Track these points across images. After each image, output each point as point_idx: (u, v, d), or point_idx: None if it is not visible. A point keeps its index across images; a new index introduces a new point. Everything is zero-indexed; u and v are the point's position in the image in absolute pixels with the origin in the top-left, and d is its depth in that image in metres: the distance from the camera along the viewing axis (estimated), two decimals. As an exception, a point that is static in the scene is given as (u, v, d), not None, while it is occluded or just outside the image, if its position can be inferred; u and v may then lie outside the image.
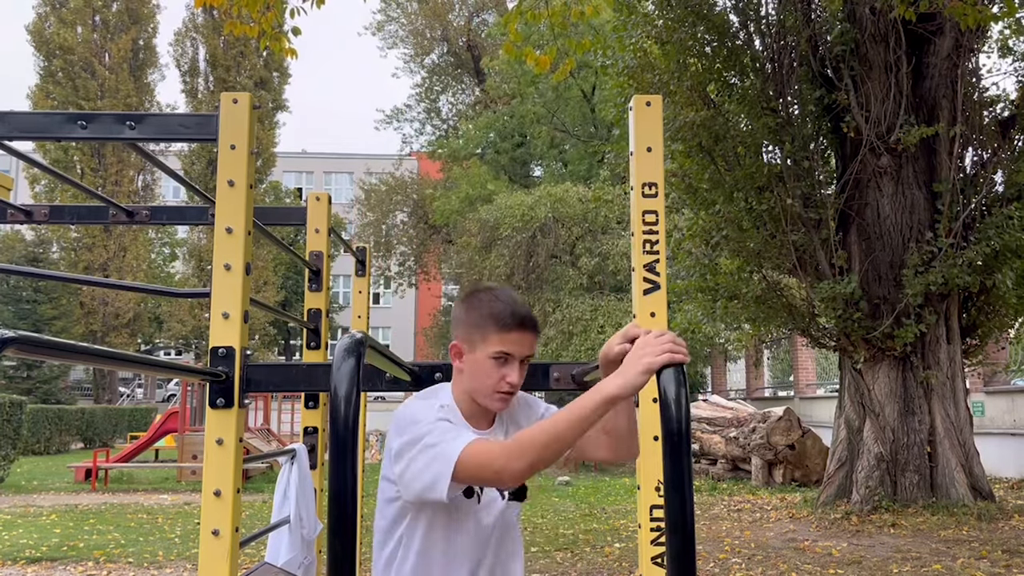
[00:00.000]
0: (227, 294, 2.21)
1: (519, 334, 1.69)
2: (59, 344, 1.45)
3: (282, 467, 3.01)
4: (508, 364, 1.69)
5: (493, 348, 1.68)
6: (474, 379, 1.71)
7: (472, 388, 1.72)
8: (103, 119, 2.39)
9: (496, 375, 1.69)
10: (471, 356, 1.72)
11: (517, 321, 1.69)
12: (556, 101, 25.45)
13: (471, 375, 1.72)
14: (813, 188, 9.85)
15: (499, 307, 1.71)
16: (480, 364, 1.70)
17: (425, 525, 1.68)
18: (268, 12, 6.71)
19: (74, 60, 28.76)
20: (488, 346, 1.69)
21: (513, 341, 1.69)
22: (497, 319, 1.69)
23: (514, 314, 1.69)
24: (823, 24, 10.03)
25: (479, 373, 1.70)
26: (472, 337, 1.72)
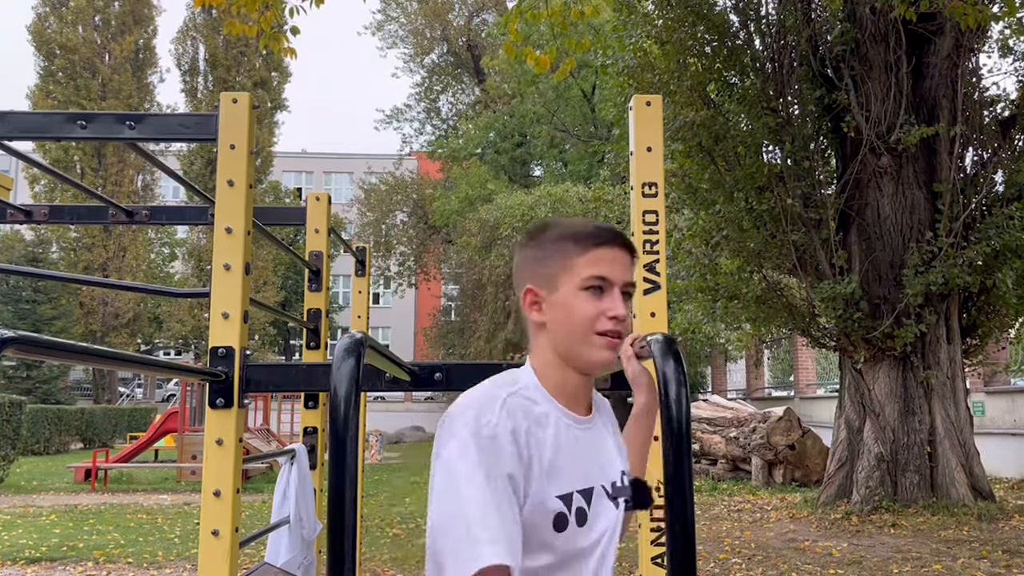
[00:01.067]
0: (227, 294, 2.21)
1: (611, 250, 1.27)
2: (58, 344, 1.45)
3: (282, 467, 3.01)
4: (606, 293, 1.26)
5: (583, 273, 1.26)
6: (563, 326, 1.27)
7: (563, 341, 1.28)
8: (103, 119, 2.39)
9: (593, 310, 1.25)
10: (554, 297, 1.28)
11: (607, 235, 1.28)
12: (556, 101, 25.45)
13: (558, 322, 1.28)
14: (813, 188, 9.84)
15: (577, 225, 1.31)
16: (568, 302, 1.27)
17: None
18: (267, 11, 6.71)
19: (76, 60, 28.76)
20: (574, 273, 1.27)
21: (607, 260, 1.27)
22: (578, 237, 1.28)
23: (599, 228, 1.29)
24: (823, 24, 10.03)
25: (569, 315, 1.26)
26: (550, 270, 1.28)
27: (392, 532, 9.06)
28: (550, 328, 1.29)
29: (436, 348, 30.98)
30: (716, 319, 11.57)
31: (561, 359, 1.29)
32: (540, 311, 1.30)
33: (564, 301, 1.27)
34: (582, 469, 1.26)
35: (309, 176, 46.51)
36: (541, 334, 1.31)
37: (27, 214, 3.43)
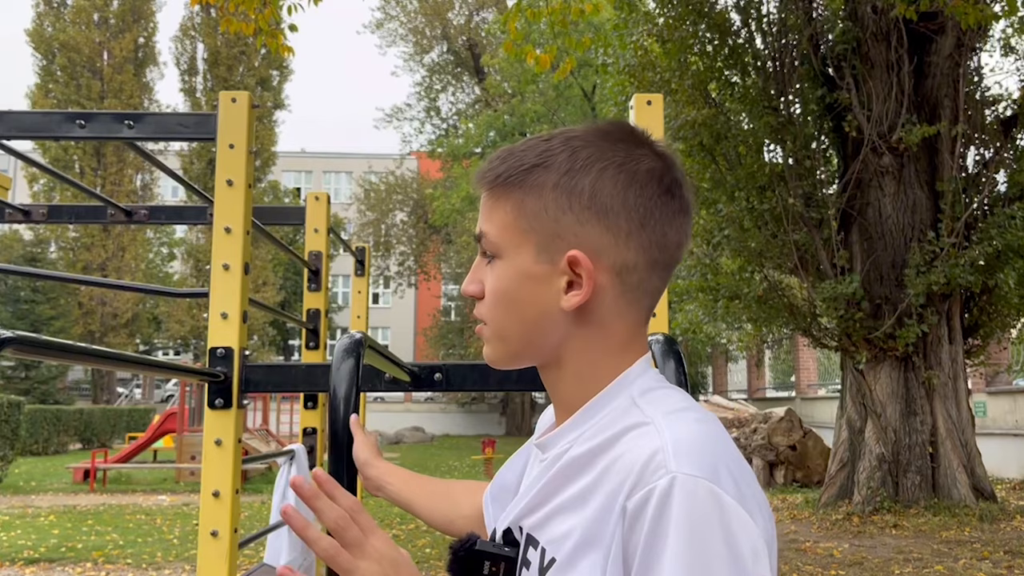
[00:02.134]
0: (225, 294, 2.20)
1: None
2: (57, 344, 1.44)
3: (281, 468, 3.00)
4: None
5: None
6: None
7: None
8: (102, 118, 2.37)
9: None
10: None
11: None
12: (556, 100, 25.47)
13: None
14: (815, 187, 9.83)
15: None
16: None
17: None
18: (265, 9, 6.69)
19: (76, 59, 28.76)
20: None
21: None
22: None
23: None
24: (824, 23, 10.02)
25: None
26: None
27: (391, 533, 9.05)
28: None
29: (436, 348, 31.01)
30: (717, 319, 11.57)
31: None
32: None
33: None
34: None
35: (308, 176, 46.52)
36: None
37: (26, 213, 3.41)
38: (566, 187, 0.82)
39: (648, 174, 0.83)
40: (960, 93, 9.45)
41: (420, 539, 8.72)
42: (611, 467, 0.76)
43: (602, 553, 0.74)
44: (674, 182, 0.84)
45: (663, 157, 0.85)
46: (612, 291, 0.82)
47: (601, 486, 0.76)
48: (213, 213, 2.27)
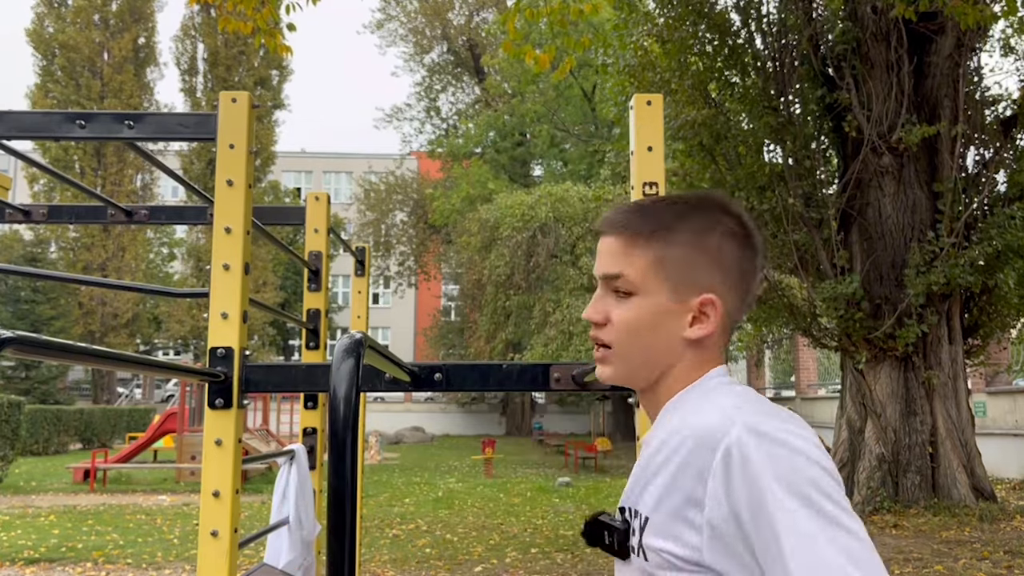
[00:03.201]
0: (226, 294, 2.20)
1: (601, 239, 1.12)
2: (57, 344, 1.43)
3: (281, 468, 3.00)
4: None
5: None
6: None
7: None
8: (102, 118, 2.37)
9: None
10: None
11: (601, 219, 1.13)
12: (556, 100, 25.47)
13: None
14: (814, 188, 9.84)
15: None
16: None
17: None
18: (263, 8, 6.68)
19: (76, 59, 28.75)
20: None
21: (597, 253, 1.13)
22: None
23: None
24: (824, 23, 10.02)
25: None
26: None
27: (392, 533, 9.05)
28: None
29: (436, 348, 31.01)
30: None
31: None
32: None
33: None
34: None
35: (308, 176, 46.51)
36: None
37: (26, 214, 3.41)
38: (700, 245, 1.05)
39: (746, 238, 1.07)
40: (960, 93, 9.45)
41: (420, 539, 8.72)
42: (684, 440, 0.96)
43: (684, 500, 0.93)
44: (757, 243, 1.08)
45: (748, 223, 1.09)
46: (720, 326, 1.05)
47: (676, 454, 0.97)
48: (213, 213, 2.27)
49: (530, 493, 12.87)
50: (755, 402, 0.97)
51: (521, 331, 20.16)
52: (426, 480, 15.09)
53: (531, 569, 7.13)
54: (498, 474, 16.02)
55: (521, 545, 8.31)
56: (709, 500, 0.90)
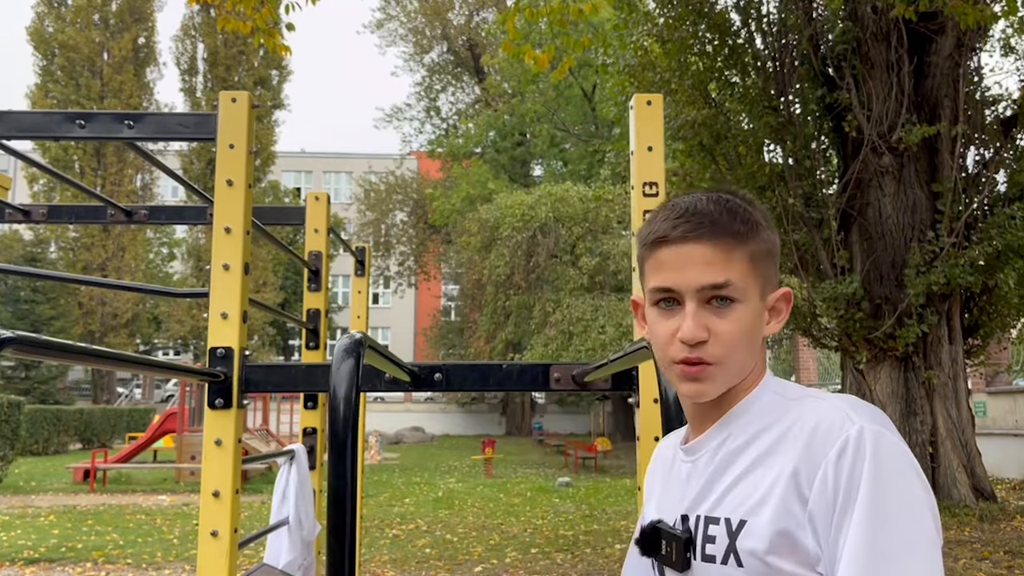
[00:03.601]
0: (226, 294, 2.20)
1: (674, 248, 0.99)
2: (57, 344, 1.43)
3: (281, 468, 3.00)
4: (679, 306, 0.99)
5: (649, 283, 1.03)
6: (653, 349, 1.06)
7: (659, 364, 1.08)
8: (101, 118, 2.37)
9: (664, 332, 1.01)
10: (645, 310, 1.07)
11: (668, 228, 1.00)
12: (556, 100, 25.47)
13: (651, 343, 1.07)
14: (815, 187, 9.84)
15: (652, 214, 1.06)
16: (648, 319, 1.05)
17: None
18: (262, 7, 6.68)
19: (75, 59, 28.75)
20: (647, 283, 1.04)
21: (671, 264, 0.99)
22: (643, 233, 1.05)
23: (668, 211, 1.02)
24: (824, 23, 10.02)
25: (650, 336, 1.05)
26: (641, 281, 1.08)
27: (392, 533, 9.05)
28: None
29: (436, 348, 31.01)
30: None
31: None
32: (642, 324, 1.09)
33: (647, 318, 1.06)
34: (668, 499, 1.09)
35: (308, 176, 46.51)
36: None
37: (25, 213, 3.41)
38: (772, 242, 1.03)
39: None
40: (960, 93, 9.45)
41: (420, 539, 8.72)
42: (790, 430, 0.94)
43: (791, 498, 0.90)
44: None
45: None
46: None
47: (784, 445, 0.94)
48: (213, 213, 2.27)
49: (530, 493, 12.87)
50: (862, 400, 0.97)
51: (521, 331, 20.16)
52: (426, 480, 15.09)
53: (531, 569, 7.13)
54: (498, 474, 16.03)
55: (521, 545, 8.31)
56: (816, 488, 0.89)
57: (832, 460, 0.88)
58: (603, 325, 17.26)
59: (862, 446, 0.87)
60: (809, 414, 0.94)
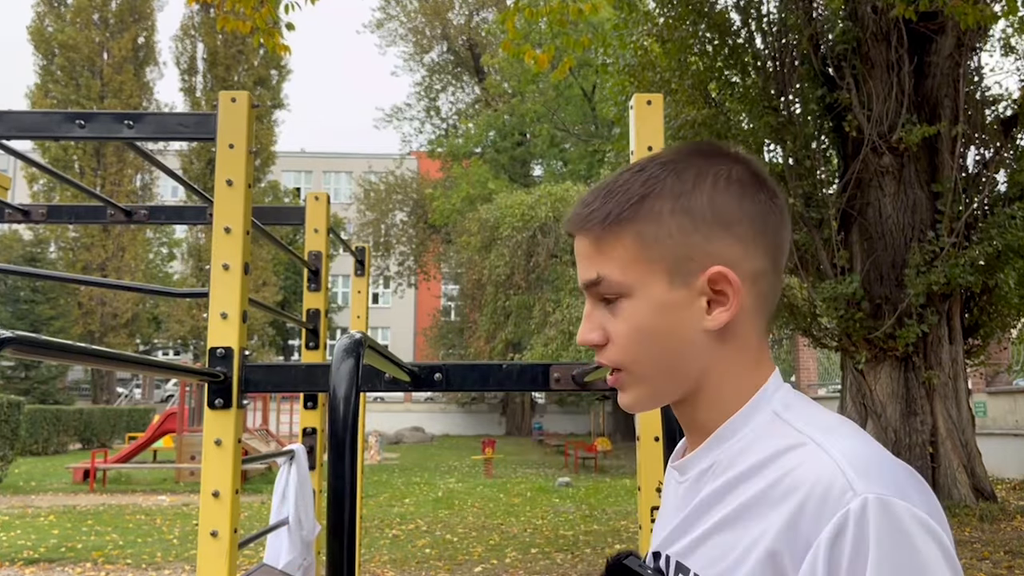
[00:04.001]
0: (225, 294, 2.20)
1: (575, 241, 0.88)
2: (57, 344, 1.43)
3: (281, 468, 3.00)
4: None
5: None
6: None
7: None
8: (101, 118, 2.37)
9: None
10: None
11: (565, 226, 0.90)
12: (556, 100, 25.47)
13: None
14: (815, 187, 9.83)
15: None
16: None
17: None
18: (262, 7, 6.68)
19: (75, 59, 28.75)
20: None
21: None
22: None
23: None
24: (825, 22, 10.02)
25: None
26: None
27: (391, 533, 9.05)
28: None
29: (436, 348, 31.00)
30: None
31: None
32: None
33: None
34: (659, 524, 0.93)
35: (308, 175, 46.52)
36: None
37: (25, 213, 3.41)
38: (685, 208, 0.81)
39: (753, 179, 0.84)
40: (960, 93, 9.45)
41: (420, 539, 8.72)
42: (774, 488, 0.74)
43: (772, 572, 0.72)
44: (772, 185, 0.85)
45: (752, 163, 0.86)
46: (748, 301, 0.82)
47: (763, 507, 0.74)
48: (213, 213, 2.27)
49: (530, 493, 12.87)
50: (875, 451, 0.76)
51: (521, 331, 20.16)
52: (426, 480, 15.08)
53: (531, 569, 7.13)
54: (498, 474, 16.02)
55: (521, 545, 8.30)
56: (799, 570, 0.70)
57: (824, 543, 0.69)
58: (603, 325, 17.22)
59: (864, 526, 0.68)
60: (807, 467, 0.73)
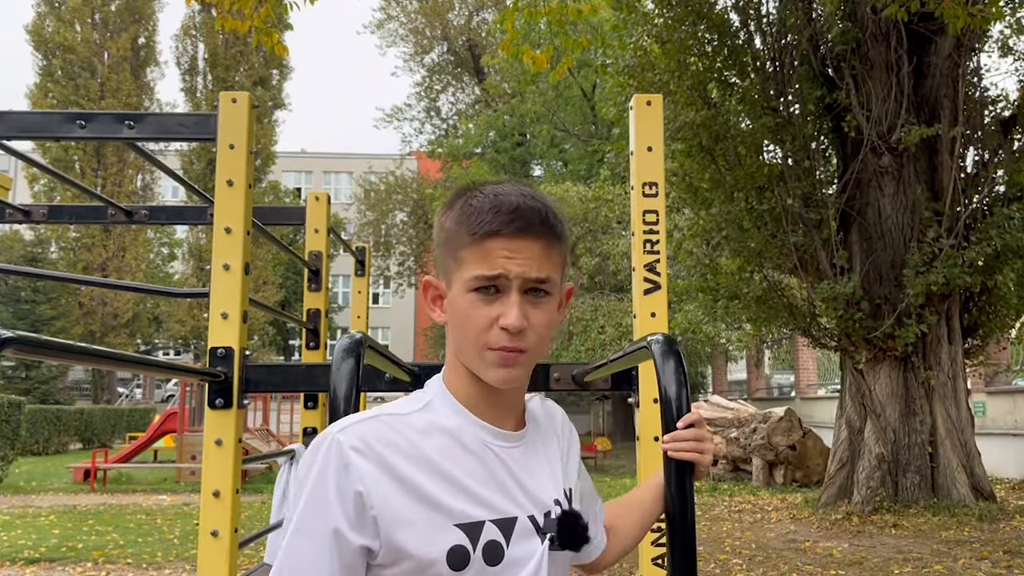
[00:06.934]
0: (226, 294, 2.20)
1: (505, 240, 1.02)
2: (57, 344, 1.44)
3: (281, 468, 3.00)
4: (501, 295, 1.03)
5: (468, 271, 1.03)
6: (457, 332, 1.07)
7: (461, 351, 1.07)
8: (102, 118, 2.38)
9: (481, 319, 1.03)
10: (449, 295, 1.08)
11: (503, 220, 1.02)
12: (556, 100, 25.45)
13: (453, 328, 1.08)
14: (814, 188, 9.84)
15: (476, 201, 1.05)
16: (457, 305, 1.06)
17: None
18: (261, 7, 6.68)
19: (74, 59, 28.74)
20: (462, 269, 1.04)
21: (500, 254, 1.02)
22: (470, 220, 1.04)
23: (496, 207, 1.03)
24: (824, 23, 10.02)
25: (458, 321, 1.06)
26: (446, 259, 1.08)
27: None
28: (450, 332, 1.09)
29: (436, 348, 30.98)
30: (717, 319, 11.57)
31: (465, 367, 1.08)
32: (441, 308, 1.11)
33: (454, 302, 1.06)
34: (502, 495, 1.04)
35: (308, 176, 46.51)
36: (448, 336, 1.11)
37: (26, 214, 3.42)
38: (570, 244, 1.13)
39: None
40: (959, 94, 9.45)
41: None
42: (564, 419, 1.26)
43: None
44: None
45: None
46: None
47: (567, 433, 1.25)
48: (213, 213, 2.27)
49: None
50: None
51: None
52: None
53: (531, 569, 7.13)
54: (498, 474, 15.99)
55: (521, 545, 8.30)
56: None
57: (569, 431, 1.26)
58: (603, 325, 17.26)
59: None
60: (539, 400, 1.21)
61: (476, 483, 1.03)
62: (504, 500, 1.04)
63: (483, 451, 1.06)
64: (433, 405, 1.08)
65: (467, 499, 1.01)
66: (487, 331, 1.03)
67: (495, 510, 1.02)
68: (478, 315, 1.03)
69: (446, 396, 1.09)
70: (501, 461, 1.07)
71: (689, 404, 1.24)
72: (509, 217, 1.03)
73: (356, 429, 1.00)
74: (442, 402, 1.08)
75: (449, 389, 1.10)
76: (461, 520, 0.99)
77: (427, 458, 1.01)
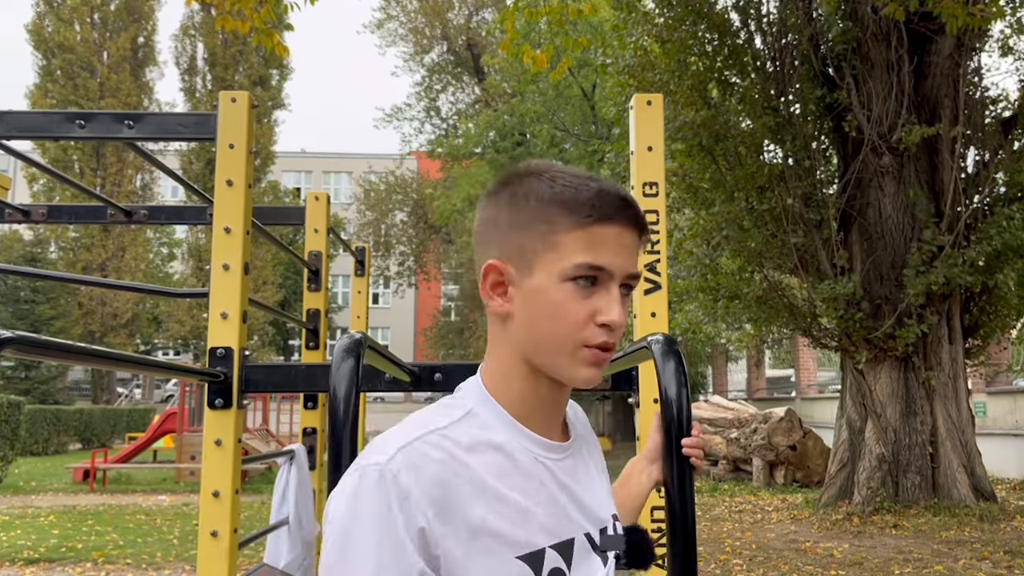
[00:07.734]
0: (225, 294, 2.20)
1: (616, 228, 0.92)
2: (57, 344, 1.44)
3: (281, 468, 3.00)
4: (601, 288, 0.92)
5: (572, 258, 0.90)
6: (538, 325, 0.92)
7: (536, 345, 0.93)
8: (101, 118, 2.38)
9: (581, 312, 0.91)
10: (528, 283, 0.93)
11: (613, 205, 0.92)
12: (556, 100, 25.44)
13: (531, 319, 0.93)
14: (814, 188, 9.83)
15: (574, 183, 0.93)
16: (547, 294, 0.91)
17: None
18: (261, 7, 6.68)
19: (73, 59, 28.74)
20: (560, 255, 0.91)
21: (608, 242, 0.91)
22: (573, 203, 0.91)
23: (604, 193, 0.92)
24: (824, 23, 10.01)
25: (548, 313, 0.92)
26: (527, 242, 0.93)
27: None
28: (518, 324, 0.93)
29: (436, 348, 30.99)
30: (717, 319, 11.56)
31: (530, 366, 0.94)
32: (505, 299, 0.94)
33: (539, 292, 0.91)
34: (558, 515, 0.94)
35: (308, 176, 46.51)
36: (503, 333, 0.96)
37: (25, 214, 3.42)
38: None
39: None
40: (960, 93, 9.44)
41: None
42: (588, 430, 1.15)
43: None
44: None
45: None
46: None
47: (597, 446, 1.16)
48: (213, 213, 2.27)
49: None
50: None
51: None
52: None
53: (531, 569, 7.12)
54: (498, 474, 16.00)
55: (521, 545, 8.29)
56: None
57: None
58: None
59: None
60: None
61: (533, 505, 0.91)
62: (561, 520, 0.94)
63: (535, 466, 0.94)
64: (476, 414, 0.93)
65: (526, 525, 0.89)
66: (585, 327, 0.90)
67: (553, 534, 0.92)
68: (577, 308, 0.90)
69: (489, 403, 0.95)
70: (553, 475, 0.95)
71: (689, 404, 1.23)
72: (621, 204, 0.92)
73: (405, 456, 0.85)
74: (485, 410, 0.94)
75: (493, 395, 0.95)
76: (523, 551, 0.88)
77: (480, 480, 0.87)
